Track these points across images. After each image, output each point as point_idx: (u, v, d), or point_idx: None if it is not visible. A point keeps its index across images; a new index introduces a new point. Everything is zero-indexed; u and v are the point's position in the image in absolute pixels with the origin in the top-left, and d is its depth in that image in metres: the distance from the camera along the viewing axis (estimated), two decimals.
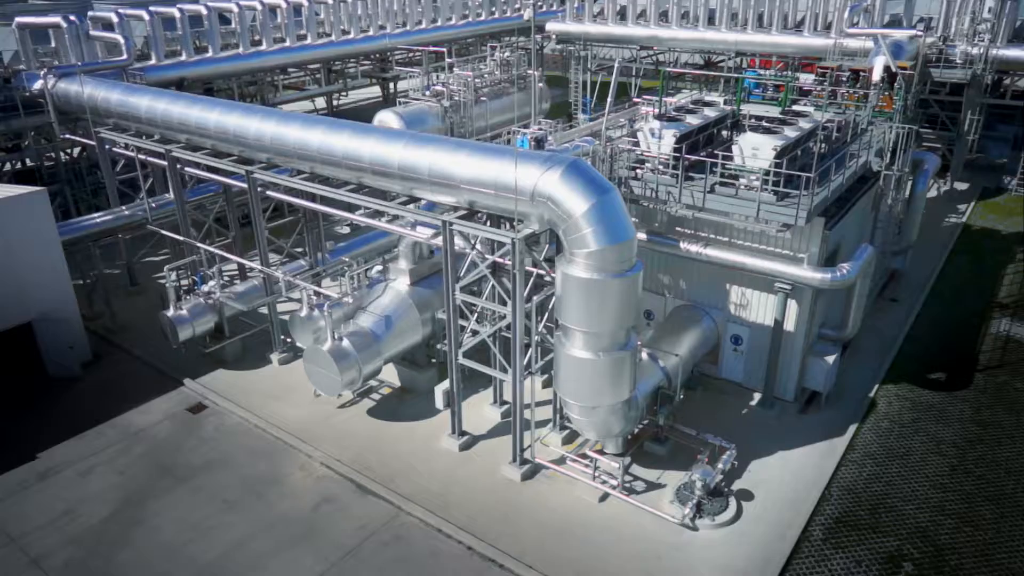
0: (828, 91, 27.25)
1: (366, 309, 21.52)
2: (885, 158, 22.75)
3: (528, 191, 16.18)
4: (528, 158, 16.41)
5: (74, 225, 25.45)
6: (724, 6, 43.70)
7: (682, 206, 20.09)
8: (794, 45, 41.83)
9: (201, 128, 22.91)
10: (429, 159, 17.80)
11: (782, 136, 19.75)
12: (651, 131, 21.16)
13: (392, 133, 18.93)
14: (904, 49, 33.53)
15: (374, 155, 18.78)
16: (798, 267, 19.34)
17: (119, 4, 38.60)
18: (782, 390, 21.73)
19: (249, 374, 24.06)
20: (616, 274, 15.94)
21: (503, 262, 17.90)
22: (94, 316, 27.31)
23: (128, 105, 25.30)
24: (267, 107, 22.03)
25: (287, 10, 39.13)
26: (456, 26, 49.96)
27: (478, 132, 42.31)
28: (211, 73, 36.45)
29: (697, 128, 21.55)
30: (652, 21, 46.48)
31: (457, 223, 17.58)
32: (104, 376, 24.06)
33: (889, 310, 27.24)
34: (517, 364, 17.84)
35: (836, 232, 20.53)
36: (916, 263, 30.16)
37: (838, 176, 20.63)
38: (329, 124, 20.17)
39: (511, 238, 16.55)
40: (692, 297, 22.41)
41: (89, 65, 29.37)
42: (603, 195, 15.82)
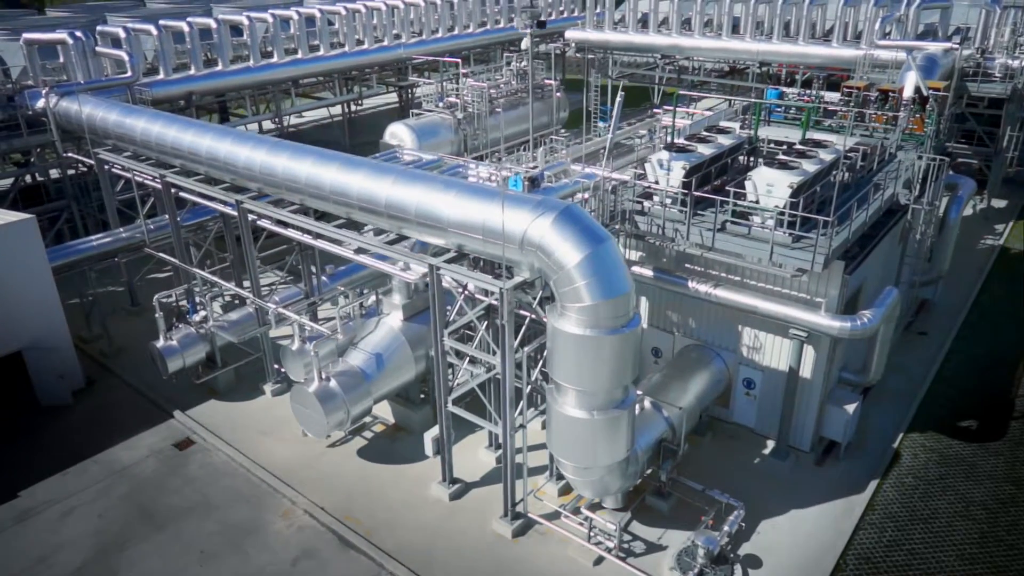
0: (854, 112, 25.74)
1: (357, 345, 20.62)
2: (914, 190, 21.17)
3: (517, 238, 15.08)
4: (517, 202, 15.31)
5: (70, 249, 24.93)
6: (749, 14, 42.06)
7: (690, 244, 18.83)
8: (822, 56, 40.06)
9: (194, 154, 22.21)
10: (417, 198, 16.79)
11: (799, 171, 18.36)
12: (659, 162, 19.91)
13: (381, 168, 17.93)
14: (938, 64, 31.75)
15: (362, 191, 17.83)
16: (814, 314, 17.96)
17: (132, 17, 38.26)
18: (797, 439, 20.35)
19: (241, 405, 23.33)
20: (611, 330, 14.77)
21: (495, 303, 16.83)
22: (91, 338, 26.87)
23: (124, 127, 24.74)
24: (259, 135, 21.17)
25: (299, 22, 38.41)
26: (473, 34, 48.92)
27: (492, 144, 41.41)
28: (220, 87, 35.91)
29: (709, 159, 20.23)
30: (674, 29, 45.00)
31: (444, 267, 16.54)
32: (95, 404, 23.52)
33: (917, 345, 25.61)
34: (507, 417, 16.76)
35: (858, 274, 19.11)
36: (948, 290, 28.43)
37: (861, 213, 19.18)
38: (318, 156, 19.25)
39: (499, 287, 15.46)
40: (702, 336, 21.11)
41: (92, 83, 28.90)
42: (598, 245, 14.65)
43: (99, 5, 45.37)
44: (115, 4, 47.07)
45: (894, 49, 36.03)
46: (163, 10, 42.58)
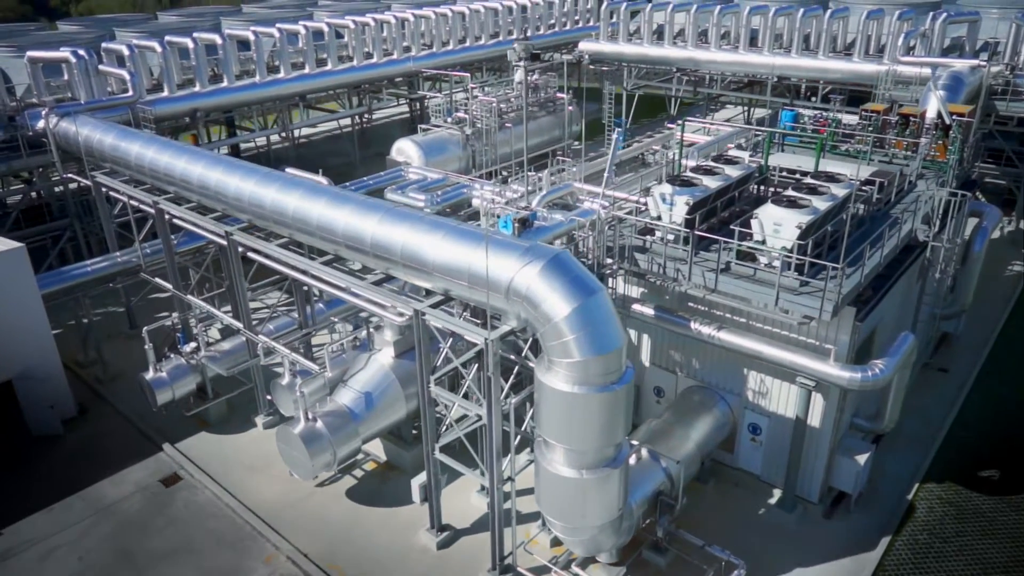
0: (873, 137, 24.65)
1: (347, 383, 19.96)
2: (933, 226, 20.02)
3: (502, 286, 14.31)
4: (504, 248, 14.53)
5: (63, 275, 24.51)
6: (767, 27, 40.85)
7: (692, 286, 17.92)
8: (842, 71, 38.77)
9: (185, 182, 21.75)
10: (403, 238, 16.09)
11: (809, 210, 17.35)
12: (662, 196, 19.01)
13: (368, 205, 17.24)
14: (964, 82, 30.45)
15: (348, 228, 17.17)
16: (823, 362, 16.94)
17: (140, 33, 38.05)
18: (805, 489, 19.32)
19: (231, 438, 22.80)
20: (602, 387, 13.93)
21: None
22: (87, 363, 26.55)
23: (120, 151, 24.37)
24: (250, 165, 20.53)
25: (307, 36, 37.92)
26: (485, 46, 48.14)
27: (502, 159, 40.64)
28: (226, 103, 35.50)
29: (714, 193, 19.31)
30: (690, 42, 43.89)
31: (430, 312, 15.80)
32: (86, 434, 23.13)
33: (937, 383, 24.40)
34: (494, 470, 15.97)
35: (872, 318, 18.06)
36: (972, 323, 27.12)
37: (875, 252, 18.13)
38: (307, 190, 18.63)
39: (484, 338, 14.68)
40: (705, 378, 20.17)
41: (93, 103, 28.60)
42: (588, 297, 13.83)
43: (110, 19, 45.33)
44: (126, 17, 47.03)
45: (918, 65, 34.75)
46: (173, 24, 42.37)
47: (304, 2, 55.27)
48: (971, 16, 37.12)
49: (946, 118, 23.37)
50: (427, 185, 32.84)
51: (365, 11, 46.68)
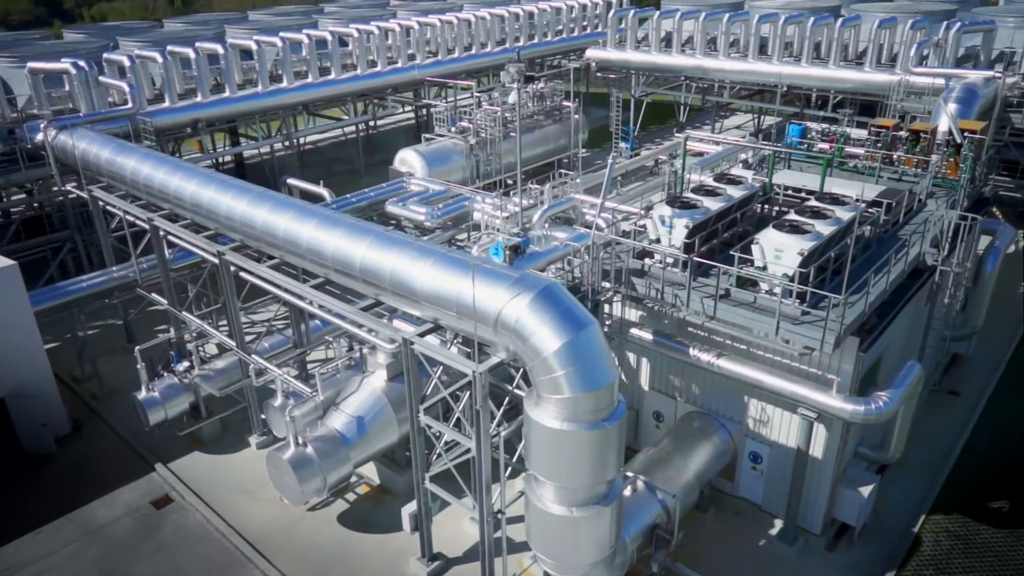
0: (882, 155, 24.04)
1: (339, 406, 19.61)
2: (942, 249, 19.40)
3: (490, 318, 13.89)
4: (493, 278, 14.11)
5: (59, 290, 24.35)
6: (777, 35, 40.18)
7: (690, 312, 17.42)
8: (853, 80, 38.05)
9: (179, 199, 21.49)
10: (392, 264, 15.71)
11: (812, 235, 16.82)
12: (661, 218, 18.53)
13: (359, 228, 16.84)
14: (978, 95, 29.67)
15: (337, 252, 16.81)
16: (825, 394, 16.39)
17: (143, 42, 37.94)
18: (807, 520, 18.77)
19: (225, 459, 22.53)
20: (592, 424, 13.48)
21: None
22: (84, 378, 26.37)
23: (115, 166, 24.16)
24: (243, 184, 20.17)
25: (310, 45, 37.66)
26: (491, 53, 47.72)
27: (507, 169, 40.20)
28: (228, 113, 35.26)
29: (716, 215, 18.80)
30: (699, 50, 43.26)
31: (418, 342, 15.40)
32: (79, 452, 22.93)
33: (946, 407, 23.74)
34: (484, 503, 15.55)
35: (877, 346, 17.48)
36: (984, 342, 26.41)
37: (880, 279, 17.54)
38: (297, 211, 18.28)
39: (472, 370, 14.26)
40: (705, 404, 19.65)
41: (92, 116, 28.44)
42: (579, 332, 13.38)
43: (115, 27, 45.28)
44: (131, 25, 46.99)
45: (931, 76, 34.02)
46: (177, 33, 42.13)
47: (310, 9, 55.11)
48: (986, 25, 36.31)
49: (957, 136, 22.71)
50: (428, 197, 32.54)
51: (370, 19, 46.44)
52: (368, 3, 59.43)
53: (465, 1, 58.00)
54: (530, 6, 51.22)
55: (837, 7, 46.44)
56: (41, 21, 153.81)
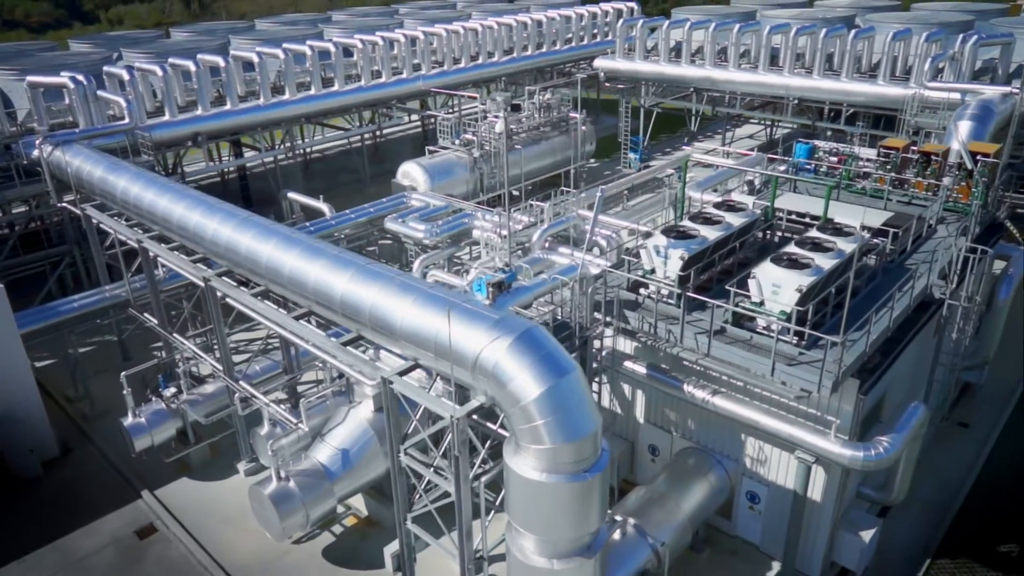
0: (892, 176, 23.27)
1: (324, 438, 19.14)
2: (950, 282, 18.59)
3: (468, 361, 13.34)
4: (472, 319, 13.56)
5: (49, 311, 24.12)
6: (788, 46, 39.35)
7: (684, 349, 16.78)
8: (866, 94, 37.17)
9: (166, 221, 21.15)
10: (372, 299, 15.19)
11: (811, 270, 16.11)
12: (656, 248, 17.89)
13: (341, 260, 16.34)
14: (994, 112, 28.76)
15: (318, 283, 16.33)
16: (823, 438, 15.69)
17: (146, 54, 37.80)
18: (805, 564, 18.03)
19: (212, 486, 22.14)
20: (573, 475, 12.89)
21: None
22: (76, 398, 26.14)
23: (107, 185, 23.91)
24: (230, 208, 19.71)
25: (313, 57, 37.35)
26: (498, 63, 47.25)
27: (512, 182, 39.66)
28: (229, 126, 35.07)
29: (713, 245, 18.14)
30: (709, 60, 42.50)
31: (397, 381, 14.88)
32: (66, 477, 22.63)
33: (956, 440, 22.88)
34: (465, 549, 14.99)
35: (880, 385, 16.74)
36: (997, 370, 25.44)
37: (883, 315, 16.80)
38: (282, 238, 17.80)
39: (450, 414, 13.72)
40: (701, 439, 18.98)
41: (89, 132, 28.27)
42: (560, 379, 12.79)
43: (121, 36, 45.25)
44: (137, 35, 46.95)
45: (946, 91, 33.08)
46: (181, 44, 41.97)
47: (318, 18, 54.90)
48: (1004, 39, 35.29)
49: (968, 163, 21.85)
50: (429, 213, 32.13)
51: (376, 29, 46.11)
52: (377, 11, 59.19)
53: (474, 9, 57.54)
54: (539, 15, 50.67)
55: (852, 17, 45.49)
56: (61, 23, 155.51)
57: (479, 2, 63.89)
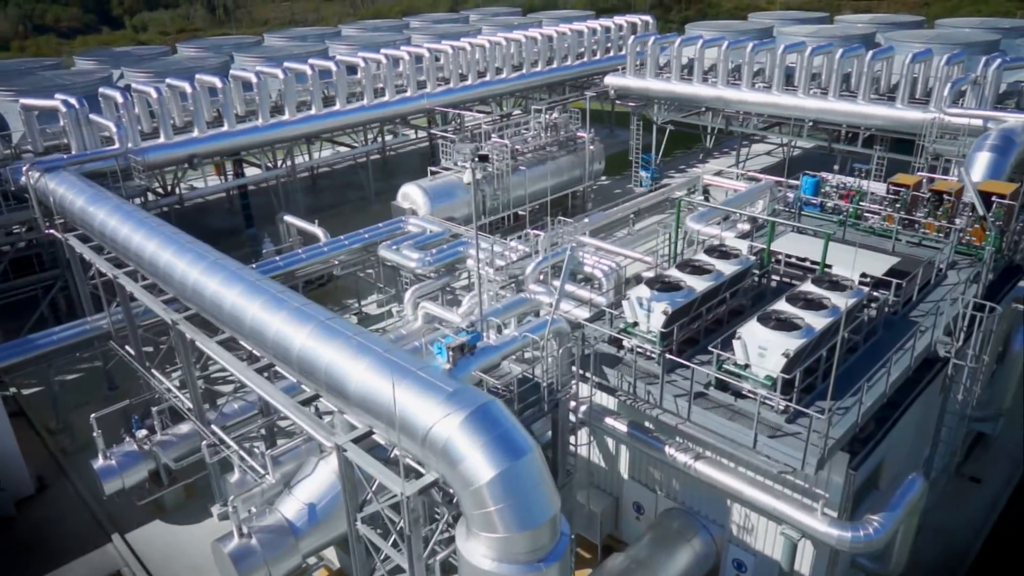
0: (899, 217, 22.03)
1: (292, 490, 18.37)
2: (956, 340, 17.31)
3: (418, 435, 12.47)
4: (424, 390, 12.69)
5: (29, 344, 23.74)
6: (803, 67, 37.98)
7: (663, 412, 15.76)
8: (883, 117, 35.73)
9: (139, 258, 20.60)
10: (328, 359, 14.38)
11: (802, 331, 15.01)
12: (639, 300, 16.88)
13: (303, 313, 15.55)
14: (1015, 142, 27.38)
15: (278, 337, 15.57)
16: (809, 514, 14.58)
17: (147, 73, 37.54)
18: None
19: (184, 530, 21.55)
20: (529, 566, 11.95)
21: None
22: (58, 430, 25.73)
23: (87, 215, 23.48)
24: (201, 249, 19.02)
25: (314, 76, 36.81)
26: (507, 80, 46.40)
27: (516, 203, 38.83)
28: (226, 148, 34.66)
29: (700, 297, 17.08)
30: (721, 80, 41.25)
31: (351, 449, 14.04)
32: (39, 518, 22.17)
33: (965, 497, 21.52)
34: None
35: (875, 455, 15.54)
36: (1012, 420, 23.99)
37: (880, 378, 15.62)
38: (247, 286, 17.08)
39: (400, 491, 12.84)
40: (686, 501, 17.88)
41: (78, 157, 27.93)
42: (515, 461, 11.87)
43: (126, 53, 45.13)
44: (143, 51, 46.83)
45: (966, 117, 31.59)
46: (182, 63, 41.58)
47: (326, 32, 54.50)
48: None
49: (979, 208, 20.49)
50: (424, 240, 31.39)
51: (384, 44, 45.52)
52: (389, 23, 58.69)
53: (486, 23, 56.77)
54: (549, 29, 49.74)
55: (871, 35, 43.93)
56: (90, 28, 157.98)
57: (492, 15, 63.14)
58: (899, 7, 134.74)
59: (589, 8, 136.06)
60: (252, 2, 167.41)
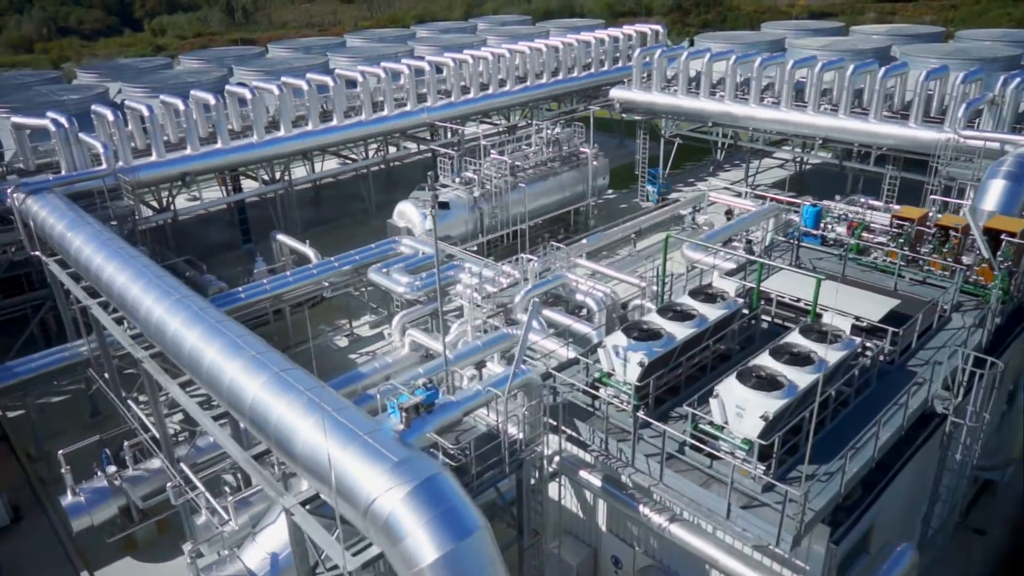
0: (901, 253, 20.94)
1: (255, 538, 17.73)
2: (954, 396, 16.20)
3: (360, 505, 11.74)
4: (370, 457, 11.97)
5: (7, 371, 23.35)
6: (813, 83, 36.75)
7: (635, 471, 14.88)
8: (896, 137, 34.42)
9: (109, 290, 20.14)
10: (280, 413, 13.71)
11: (785, 390, 14.04)
12: (615, 349, 16.00)
13: (259, 361, 14.88)
14: None
15: (232, 385, 14.93)
16: None
17: (144, 88, 37.22)
18: None
19: (155, 568, 21.06)
20: None
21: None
22: (40, 457, 25.36)
23: (65, 241, 23.11)
24: (169, 285, 18.42)
25: (310, 92, 36.27)
26: (510, 92, 45.56)
27: (515, 221, 38.01)
28: (220, 165, 34.23)
29: (681, 345, 16.16)
30: (729, 95, 40.10)
31: (299, 512, 13.34)
32: (9, 551, 21.76)
33: (968, 552, 20.34)
34: None
35: (863, 523, 14.54)
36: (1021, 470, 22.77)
37: (868, 440, 14.61)
38: (208, 327, 16.47)
39: (343, 566, 12.11)
40: (665, 559, 16.93)
41: (64, 179, 27.59)
42: (461, 541, 11.11)
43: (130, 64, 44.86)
44: (144, 63, 46.56)
45: (981, 140, 30.25)
46: (185, 74, 41.26)
47: (331, 43, 54.01)
48: None
49: (984, 252, 19.31)
50: (416, 263, 30.69)
51: (387, 56, 44.87)
52: (394, 34, 58.14)
53: (492, 34, 55.95)
54: (556, 40, 48.83)
55: (886, 48, 42.50)
56: (112, 30, 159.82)
57: (500, 24, 62.33)
58: (925, 11, 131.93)
59: (607, 12, 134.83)
60: (271, 5, 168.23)
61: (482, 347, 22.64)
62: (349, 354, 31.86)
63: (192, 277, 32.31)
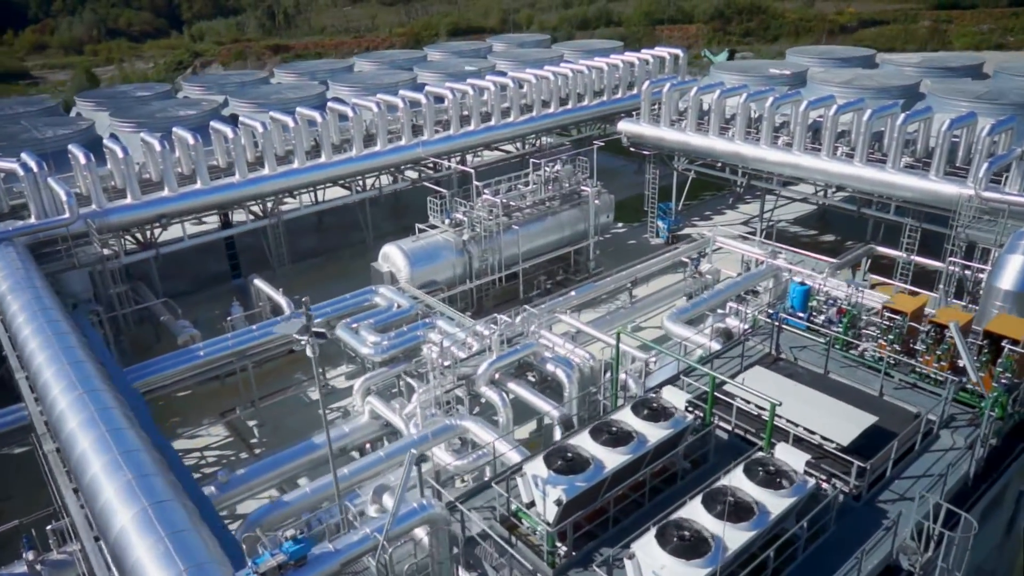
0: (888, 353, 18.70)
1: None
2: (920, 550, 13.96)
3: None
4: None
5: None
6: (830, 126, 34.17)
7: None
8: (914, 189, 31.70)
9: (28, 368, 19.14)
10: (136, 556, 12.47)
11: (712, 555, 12.12)
12: (534, 480, 14.26)
13: (132, 488, 13.59)
14: None
15: (105, 508, 13.92)
16: None
17: (131, 123, 36.59)
18: None
19: None
20: None
21: None
22: None
23: (5, 304, 22.23)
24: (82, 374, 17.33)
25: (297, 129, 35.15)
26: (513, 124, 43.76)
27: (508, 262, 36.35)
28: (198, 206, 33.29)
29: (611, 476, 14.32)
30: (739, 134, 37.70)
31: None
32: None
33: None
34: None
35: None
36: None
37: None
38: (98, 436, 15.39)
39: None
40: None
41: (23, 229, 26.88)
42: None
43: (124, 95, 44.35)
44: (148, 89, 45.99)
45: (1004, 203, 27.51)
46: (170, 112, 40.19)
47: (337, 67, 52.94)
48: None
49: (972, 375, 16.88)
50: (387, 320, 29.30)
51: (389, 87, 43.53)
52: (404, 56, 56.88)
53: (503, 59, 54.17)
54: (566, 68, 46.86)
55: (915, 85, 39.51)
56: (160, 32, 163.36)
57: (517, 44, 60.56)
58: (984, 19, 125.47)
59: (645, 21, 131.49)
60: (311, 10, 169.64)
61: (430, 436, 20.99)
62: (319, 409, 30.56)
63: (166, 322, 31.63)
